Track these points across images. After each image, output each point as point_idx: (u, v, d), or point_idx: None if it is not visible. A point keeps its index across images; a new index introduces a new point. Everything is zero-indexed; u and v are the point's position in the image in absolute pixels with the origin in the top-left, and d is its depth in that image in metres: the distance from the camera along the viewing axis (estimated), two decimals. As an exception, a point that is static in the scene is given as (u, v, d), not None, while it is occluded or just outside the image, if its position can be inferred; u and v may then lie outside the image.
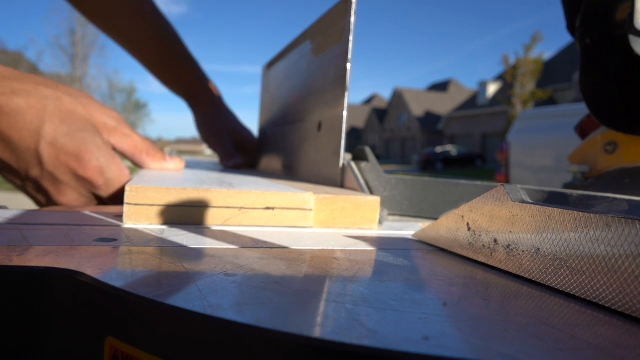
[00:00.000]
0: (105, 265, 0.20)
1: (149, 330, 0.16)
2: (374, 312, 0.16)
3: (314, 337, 0.14)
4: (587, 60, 0.43)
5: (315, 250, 0.27)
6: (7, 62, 13.08)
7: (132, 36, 0.73)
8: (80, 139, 0.40)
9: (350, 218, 0.35)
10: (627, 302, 0.17)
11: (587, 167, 0.52)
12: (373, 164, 0.45)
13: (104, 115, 0.45)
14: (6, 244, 0.23)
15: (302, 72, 0.60)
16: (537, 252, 0.21)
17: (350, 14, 0.45)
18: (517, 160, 3.42)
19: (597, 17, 0.40)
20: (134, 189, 0.31)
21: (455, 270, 0.24)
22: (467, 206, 0.26)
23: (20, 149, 0.39)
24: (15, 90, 0.39)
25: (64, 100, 0.41)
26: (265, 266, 0.22)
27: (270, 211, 0.33)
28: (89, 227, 0.29)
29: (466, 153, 20.56)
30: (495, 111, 20.67)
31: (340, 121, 0.45)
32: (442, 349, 0.13)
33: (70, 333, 0.19)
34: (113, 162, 0.42)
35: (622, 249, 0.17)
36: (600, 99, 0.43)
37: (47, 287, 0.19)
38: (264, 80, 0.86)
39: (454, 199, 0.44)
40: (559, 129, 2.90)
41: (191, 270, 0.20)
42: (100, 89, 17.75)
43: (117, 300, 0.17)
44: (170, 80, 0.79)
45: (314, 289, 0.19)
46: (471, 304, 0.18)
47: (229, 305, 0.16)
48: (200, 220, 0.32)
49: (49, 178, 0.41)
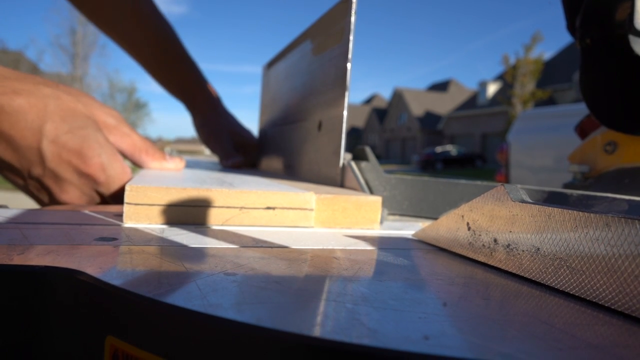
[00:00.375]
0: (106, 264, 0.20)
1: (149, 329, 0.16)
2: (374, 311, 0.16)
3: (314, 337, 0.14)
4: (587, 60, 0.43)
5: (315, 249, 0.27)
6: (8, 61, 13.08)
7: (131, 37, 0.73)
8: (82, 136, 0.40)
9: (352, 218, 0.35)
10: (626, 301, 0.17)
11: (587, 167, 0.52)
12: (373, 163, 0.45)
13: (104, 113, 0.45)
14: (6, 243, 0.23)
15: (303, 71, 0.60)
16: (537, 252, 0.21)
17: (350, 13, 0.45)
18: (517, 160, 3.41)
19: (597, 17, 0.40)
20: (134, 189, 0.31)
21: (455, 269, 0.24)
22: (467, 206, 0.26)
23: (22, 148, 0.39)
24: (16, 89, 0.39)
25: (65, 99, 0.41)
26: (266, 265, 0.22)
27: (271, 211, 0.33)
28: (89, 226, 0.29)
29: (466, 153, 20.55)
30: (495, 111, 20.67)
31: (340, 121, 0.45)
32: (442, 348, 0.13)
33: (70, 332, 0.19)
34: (115, 159, 0.42)
35: (622, 249, 0.17)
36: (600, 99, 0.43)
37: (48, 286, 0.19)
38: (264, 80, 0.86)
39: (454, 198, 0.44)
40: (558, 129, 2.90)
41: (191, 270, 0.20)
42: (101, 88, 17.76)
43: (117, 300, 0.17)
44: (169, 82, 0.79)
45: (314, 289, 0.19)
46: (471, 303, 0.18)
47: (229, 305, 0.16)
48: (200, 220, 0.32)
49: (51, 176, 0.41)
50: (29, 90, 0.39)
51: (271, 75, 0.80)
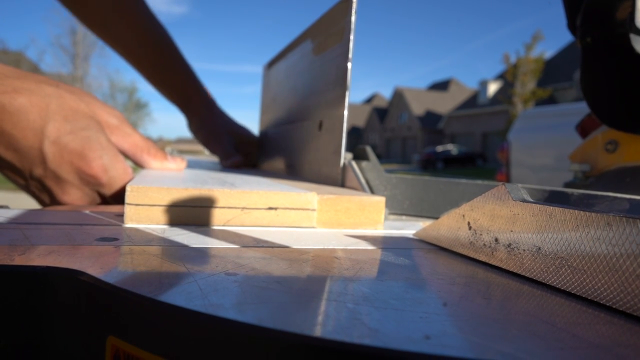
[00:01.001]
0: (107, 264, 0.20)
1: (150, 329, 0.16)
2: (375, 311, 0.16)
3: (315, 336, 0.14)
4: (588, 59, 0.43)
5: (316, 249, 0.27)
6: (8, 61, 13.08)
7: (124, 39, 0.73)
8: (84, 137, 0.40)
9: (355, 219, 0.35)
10: (628, 301, 0.17)
11: (587, 166, 0.52)
12: (374, 163, 0.45)
13: (107, 113, 0.45)
14: (8, 243, 0.23)
15: (303, 71, 0.60)
16: (538, 251, 0.21)
17: (350, 13, 0.45)
18: (518, 160, 3.41)
19: (598, 16, 0.40)
20: (135, 189, 0.31)
21: (456, 269, 0.24)
22: (467, 205, 0.26)
23: (24, 148, 0.39)
24: (17, 88, 0.38)
25: (67, 98, 0.41)
26: (267, 265, 0.22)
27: (272, 211, 0.33)
28: (90, 226, 0.29)
29: (467, 152, 20.54)
30: (495, 110, 20.65)
31: (341, 120, 0.45)
32: (443, 347, 0.13)
33: (71, 332, 0.19)
34: (116, 160, 0.42)
35: (623, 248, 0.17)
36: (601, 97, 0.43)
37: (49, 287, 0.19)
38: (265, 79, 0.86)
39: (455, 198, 0.44)
40: (559, 128, 2.89)
41: (192, 270, 0.20)
42: (102, 88, 17.76)
43: (118, 300, 0.17)
44: (163, 84, 0.79)
45: (315, 288, 0.19)
46: (472, 303, 0.18)
47: (230, 305, 0.16)
48: (202, 221, 0.32)
49: (52, 177, 0.41)
50: (31, 89, 0.39)
51: (272, 75, 0.80)
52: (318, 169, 0.51)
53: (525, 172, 3.34)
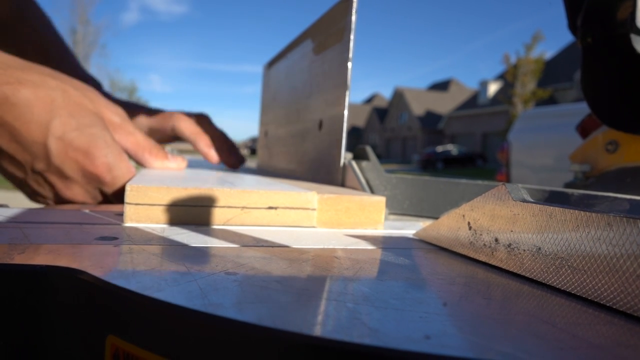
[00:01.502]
0: (107, 263, 0.20)
1: (150, 328, 0.16)
2: (375, 310, 0.16)
3: (315, 336, 0.14)
4: (588, 59, 0.43)
5: (316, 249, 0.27)
6: (8, 61, 13.02)
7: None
8: (90, 135, 0.40)
9: (355, 218, 0.35)
10: (628, 301, 0.17)
11: (588, 166, 0.52)
12: (374, 163, 0.45)
13: (110, 111, 0.44)
14: (7, 242, 0.23)
15: (303, 71, 0.60)
16: (538, 251, 0.21)
17: (351, 13, 0.45)
18: (518, 160, 3.41)
19: (598, 16, 0.40)
20: (135, 189, 0.31)
21: (456, 269, 0.24)
22: (468, 205, 0.26)
23: (27, 142, 0.38)
24: (21, 80, 0.38)
25: (72, 94, 0.40)
26: (267, 265, 0.22)
27: (272, 211, 0.33)
28: (90, 225, 0.29)
29: (467, 152, 20.54)
30: (496, 110, 20.64)
31: (341, 120, 0.45)
32: (443, 347, 0.13)
33: (71, 331, 0.19)
34: (121, 159, 0.42)
35: (624, 248, 0.17)
36: (602, 98, 0.43)
37: (48, 286, 0.19)
38: (265, 79, 0.86)
39: (455, 198, 0.44)
40: (560, 128, 2.89)
41: (192, 269, 0.20)
42: (101, 88, 17.73)
43: (118, 299, 0.17)
44: None
45: (315, 288, 0.19)
46: (472, 303, 0.18)
47: (230, 304, 0.16)
48: (201, 220, 0.32)
49: (55, 172, 0.40)
50: (35, 81, 0.38)
51: (272, 75, 0.80)
52: (318, 168, 0.51)
53: (526, 173, 3.34)
